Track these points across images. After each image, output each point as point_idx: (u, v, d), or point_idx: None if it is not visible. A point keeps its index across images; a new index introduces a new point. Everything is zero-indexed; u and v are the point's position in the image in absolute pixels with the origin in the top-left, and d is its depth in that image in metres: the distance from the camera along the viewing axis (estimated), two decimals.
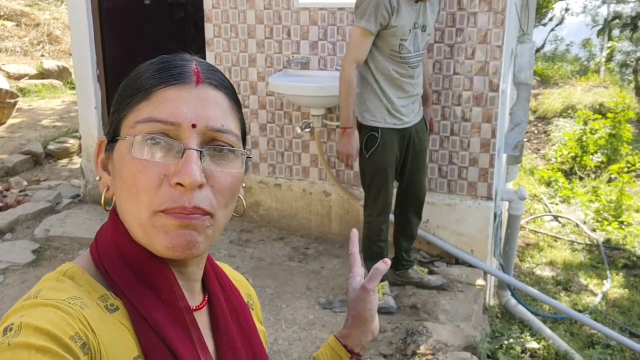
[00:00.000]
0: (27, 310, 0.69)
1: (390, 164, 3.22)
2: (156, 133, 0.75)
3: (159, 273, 0.79)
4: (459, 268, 3.80)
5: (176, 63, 0.80)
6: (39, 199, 4.75)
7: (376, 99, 3.13)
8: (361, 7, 2.97)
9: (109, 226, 0.83)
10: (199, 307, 0.86)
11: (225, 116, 0.80)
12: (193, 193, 0.75)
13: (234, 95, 0.83)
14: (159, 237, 0.75)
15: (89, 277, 0.78)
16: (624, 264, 5.41)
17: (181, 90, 0.77)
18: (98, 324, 0.71)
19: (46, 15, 9.90)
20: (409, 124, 3.22)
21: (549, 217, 6.43)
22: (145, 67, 0.81)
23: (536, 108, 9.56)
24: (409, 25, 3.04)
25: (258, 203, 4.31)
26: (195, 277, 0.86)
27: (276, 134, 4.16)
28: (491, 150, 3.71)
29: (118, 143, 0.78)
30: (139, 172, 0.75)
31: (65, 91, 8.57)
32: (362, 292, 1.04)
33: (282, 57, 4.04)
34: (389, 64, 3.08)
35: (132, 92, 0.79)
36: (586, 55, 15.39)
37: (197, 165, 0.74)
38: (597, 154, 8.01)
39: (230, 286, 0.94)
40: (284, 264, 3.85)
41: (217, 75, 0.82)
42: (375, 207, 3.30)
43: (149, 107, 0.77)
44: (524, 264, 5.31)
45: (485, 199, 3.77)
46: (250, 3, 4.03)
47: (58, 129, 6.66)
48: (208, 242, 0.79)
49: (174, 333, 0.77)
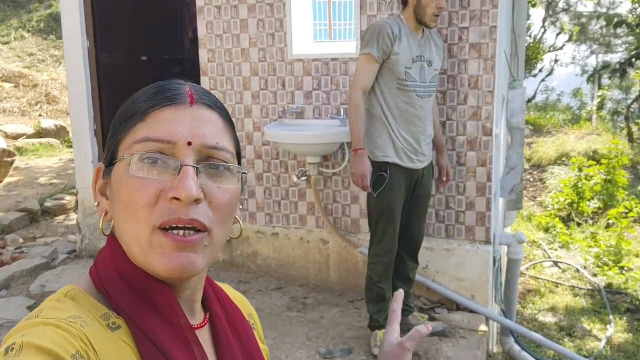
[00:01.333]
0: (28, 329, 0.69)
1: (397, 204, 3.23)
2: (153, 152, 0.76)
3: (158, 291, 0.79)
4: (460, 314, 3.75)
5: (170, 86, 0.82)
6: (34, 255, 4.72)
7: (386, 135, 3.17)
8: (365, 37, 3.12)
9: (108, 249, 0.83)
10: (200, 325, 0.86)
11: (220, 134, 0.81)
12: (190, 207, 0.75)
13: (227, 116, 0.85)
14: (156, 259, 0.76)
15: (90, 297, 0.78)
16: (626, 308, 5.34)
17: (176, 111, 0.78)
18: (99, 342, 0.71)
19: (44, 76, 10.06)
20: (418, 165, 3.24)
21: (548, 263, 6.39)
22: (141, 92, 0.83)
23: (531, 156, 9.63)
24: (412, 55, 3.13)
25: (255, 253, 4.29)
26: (194, 297, 0.86)
27: (272, 183, 4.18)
28: (487, 193, 3.72)
29: (116, 165, 0.79)
30: (136, 189, 0.75)
31: (63, 149, 8.62)
32: (398, 348, 1.00)
33: (277, 107, 4.09)
34: (397, 95, 3.14)
35: (128, 115, 0.80)
36: (577, 104, 15.63)
37: (194, 181, 0.75)
38: (593, 200, 8.02)
39: (231, 305, 0.94)
40: (282, 314, 3.79)
41: (210, 96, 0.83)
42: (381, 247, 3.28)
43: (145, 128, 0.78)
44: (525, 310, 5.24)
45: (484, 243, 3.76)
46: (245, 56, 4.11)
47: (55, 186, 6.67)
48: (206, 260, 0.79)
49: (177, 350, 0.77)
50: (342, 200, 4.03)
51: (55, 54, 10.77)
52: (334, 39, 5.45)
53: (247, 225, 4.26)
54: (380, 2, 3.75)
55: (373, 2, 3.76)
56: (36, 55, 10.58)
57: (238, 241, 4.29)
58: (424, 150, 3.26)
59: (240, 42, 4.11)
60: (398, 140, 3.16)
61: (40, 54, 10.64)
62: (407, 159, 3.19)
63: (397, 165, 3.17)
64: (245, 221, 4.27)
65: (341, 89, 3.90)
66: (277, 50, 4.02)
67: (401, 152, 3.18)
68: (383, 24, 3.11)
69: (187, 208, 0.74)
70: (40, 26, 11.09)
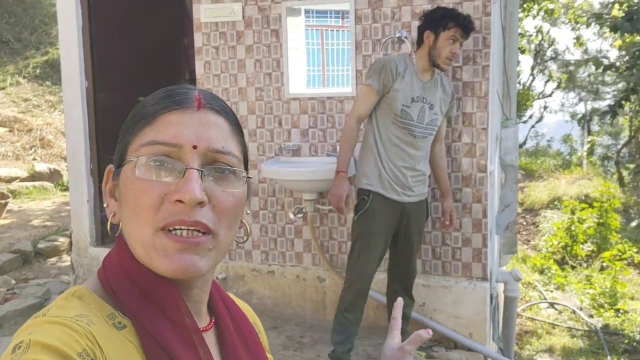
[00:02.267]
0: (35, 328, 0.70)
1: (376, 231, 3.20)
2: (159, 155, 0.78)
3: (165, 293, 0.79)
4: (458, 352, 3.72)
5: (179, 91, 0.83)
6: (27, 295, 4.66)
7: (374, 164, 3.21)
8: (370, 69, 3.23)
9: (116, 250, 0.84)
10: (206, 328, 0.86)
11: (226, 138, 0.82)
12: (194, 210, 0.76)
13: (235, 121, 0.86)
14: (159, 260, 0.77)
15: (97, 297, 0.79)
16: (624, 349, 5.31)
17: (183, 115, 0.80)
18: (105, 341, 0.71)
19: (39, 121, 10.09)
20: (403, 199, 3.24)
21: (545, 305, 6.36)
22: (150, 97, 0.85)
23: (523, 200, 9.69)
24: (412, 94, 3.18)
25: (251, 292, 4.25)
26: (200, 299, 0.86)
27: (269, 221, 4.18)
28: (483, 230, 3.74)
29: (124, 167, 0.81)
30: (142, 191, 0.77)
31: (56, 192, 8.60)
32: (399, 352, 1.01)
33: (274, 145, 4.12)
34: (391, 129, 3.20)
35: (137, 119, 0.83)
36: (567, 149, 15.82)
37: (198, 184, 0.76)
38: (587, 243, 8.05)
39: (237, 309, 0.94)
40: (279, 353, 3.74)
41: (218, 101, 0.85)
42: (353, 271, 3.25)
43: (153, 131, 0.80)
44: (523, 351, 5.20)
45: (481, 280, 3.75)
46: (242, 95, 4.16)
47: (48, 229, 6.63)
48: (210, 263, 0.80)
49: (182, 351, 0.77)
50: (338, 237, 4.02)
51: (50, 99, 10.84)
52: (327, 86, 5.53)
53: (243, 263, 4.24)
54: (375, 43, 3.83)
55: (368, 43, 3.85)
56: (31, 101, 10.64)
57: (234, 280, 4.26)
58: (412, 186, 3.26)
59: (238, 81, 4.17)
60: (384, 171, 3.19)
61: (36, 99, 10.72)
62: (392, 190, 3.21)
63: (381, 194, 3.20)
64: (241, 259, 4.25)
65: (337, 126, 3.94)
66: (274, 90, 4.08)
67: (386, 183, 3.20)
68: (389, 59, 3.19)
69: (191, 210, 0.76)
70: (37, 72, 11.19)
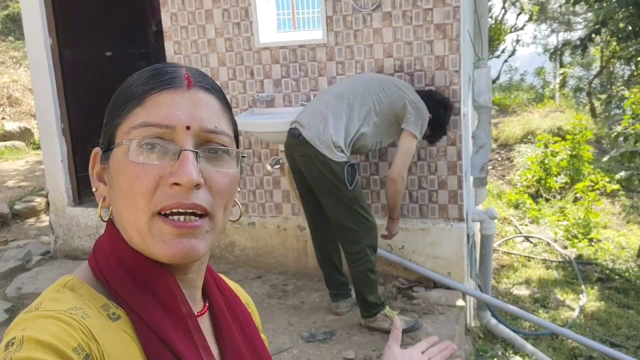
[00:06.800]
0: (28, 323, 0.68)
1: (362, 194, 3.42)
2: (151, 137, 0.76)
3: (159, 278, 0.78)
4: (437, 291, 3.82)
5: (167, 70, 0.81)
6: (8, 258, 4.65)
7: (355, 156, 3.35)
8: (414, 114, 3.26)
9: (106, 236, 0.82)
10: (200, 313, 0.85)
11: (218, 118, 0.80)
12: (190, 192, 0.75)
13: (224, 99, 0.84)
14: (156, 246, 0.75)
15: (89, 287, 0.77)
16: (597, 277, 5.50)
17: (174, 95, 0.78)
18: (101, 333, 0.71)
19: (5, 78, 9.85)
20: None
21: (520, 238, 6.52)
22: (137, 76, 0.82)
23: (497, 136, 9.78)
24: None
25: (233, 244, 4.30)
26: (195, 284, 0.85)
27: (246, 173, 4.18)
28: (458, 172, 3.79)
29: (114, 151, 0.78)
30: (136, 176, 0.75)
31: (29, 152, 8.48)
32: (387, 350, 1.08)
33: (247, 97, 4.09)
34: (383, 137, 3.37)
35: (125, 100, 0.79)
36: (540, 83, 15.88)
37: (194, 166, 0.75)
38: (560, 175, 8.19)
39: (230, 292, 0.94)
40: (263, 302, 3.81)
41: (207, 79, 0.83)
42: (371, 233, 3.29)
43: (143, 113, 0.77)
44: (500, 284, 5.36)
45: (457, 221, 3.83)
46: (212, 47, 4.09)
47: (23, 189, 6.56)
48: (207, 246, 0.79)
49: (178, 338, 0.76)
50: None
51: (15, 55, 10.55)
52: (298, 28, 5.45)
53: None
54: None
55: None
56: None
57: None
58: None
59: (206, 32, 4.09)
60: None
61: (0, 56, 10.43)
62: None
63: None
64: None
65: (310, 75, 3.92)
66: (243, 40, 4.02)
67: None
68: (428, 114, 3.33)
69: (188, 193, 0.74)
70: None
